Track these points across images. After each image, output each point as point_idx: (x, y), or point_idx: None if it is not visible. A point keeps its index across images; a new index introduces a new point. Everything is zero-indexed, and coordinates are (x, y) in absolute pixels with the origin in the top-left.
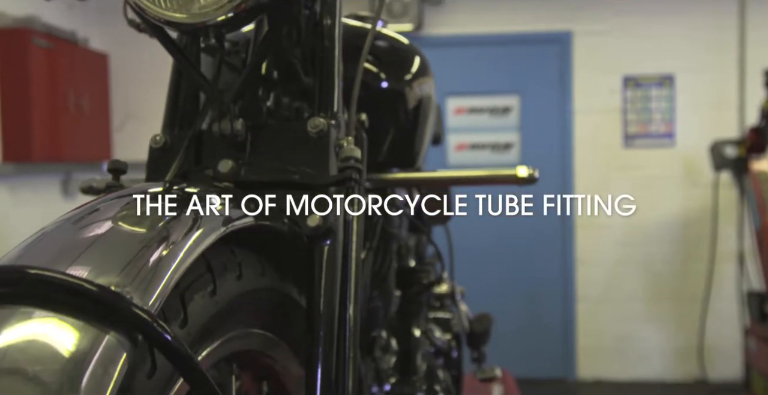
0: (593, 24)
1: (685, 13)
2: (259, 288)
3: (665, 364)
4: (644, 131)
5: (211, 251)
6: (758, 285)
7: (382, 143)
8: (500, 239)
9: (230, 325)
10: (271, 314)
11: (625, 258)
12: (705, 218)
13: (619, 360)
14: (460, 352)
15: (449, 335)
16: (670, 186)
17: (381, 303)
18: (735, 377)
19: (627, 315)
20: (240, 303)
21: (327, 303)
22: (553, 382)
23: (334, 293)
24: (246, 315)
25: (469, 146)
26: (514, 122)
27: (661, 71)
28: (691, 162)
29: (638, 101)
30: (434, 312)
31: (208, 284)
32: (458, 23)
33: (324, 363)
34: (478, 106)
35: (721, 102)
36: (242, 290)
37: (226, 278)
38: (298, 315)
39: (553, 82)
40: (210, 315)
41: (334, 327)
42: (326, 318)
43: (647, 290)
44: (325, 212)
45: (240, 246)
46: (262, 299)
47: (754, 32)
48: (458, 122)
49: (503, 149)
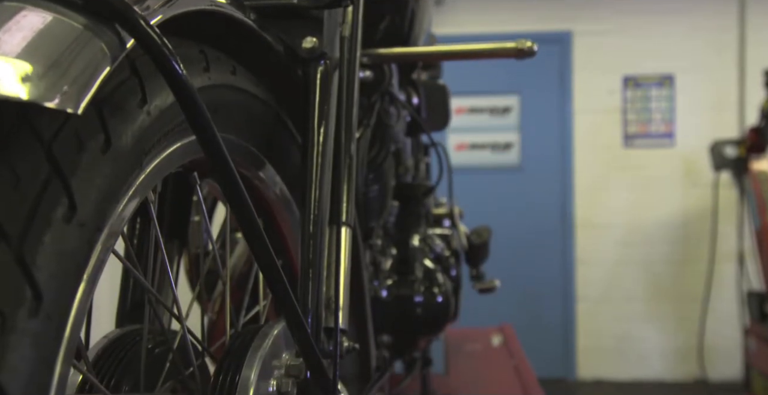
0: (593, 24)
1: (685, 13)
2: (228, 86)
3: (665, 364)
4: (644, 131)
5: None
6: (758, 285)
7: (379, 22)
8: (500, 239)
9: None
10: (248, 123)
11: (625, 258)
12: (705, 219)
13: (619, 360)
14: (459, 270)
15: (448, 252)
16: (670, 186)
17: (377, 194)
18: (735, 377)
19: (627, 314)
20: (209, 98)
21: (322, 128)
22: (553, 382)
23: (330, 118)
24: (217, 116)
25: (469, 145)
26: (514, 121)
27: (661, 71)
28: (691, 162)
29: (638, 100)
30: (433, 230)
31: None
32: (458, 23)
33: (316, 195)
34: (478, 106)
35: (721, 102)
36: (210, 82)
37: (195, 66)
38: (285, 137)
39: (553, 82)
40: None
41: (328, 155)
42: (321, 147)
43: (647, 291)
44: (320, 34)
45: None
46: (236, 102)
47: (754, 32)
48: (458, 122)
49: (503, 149)
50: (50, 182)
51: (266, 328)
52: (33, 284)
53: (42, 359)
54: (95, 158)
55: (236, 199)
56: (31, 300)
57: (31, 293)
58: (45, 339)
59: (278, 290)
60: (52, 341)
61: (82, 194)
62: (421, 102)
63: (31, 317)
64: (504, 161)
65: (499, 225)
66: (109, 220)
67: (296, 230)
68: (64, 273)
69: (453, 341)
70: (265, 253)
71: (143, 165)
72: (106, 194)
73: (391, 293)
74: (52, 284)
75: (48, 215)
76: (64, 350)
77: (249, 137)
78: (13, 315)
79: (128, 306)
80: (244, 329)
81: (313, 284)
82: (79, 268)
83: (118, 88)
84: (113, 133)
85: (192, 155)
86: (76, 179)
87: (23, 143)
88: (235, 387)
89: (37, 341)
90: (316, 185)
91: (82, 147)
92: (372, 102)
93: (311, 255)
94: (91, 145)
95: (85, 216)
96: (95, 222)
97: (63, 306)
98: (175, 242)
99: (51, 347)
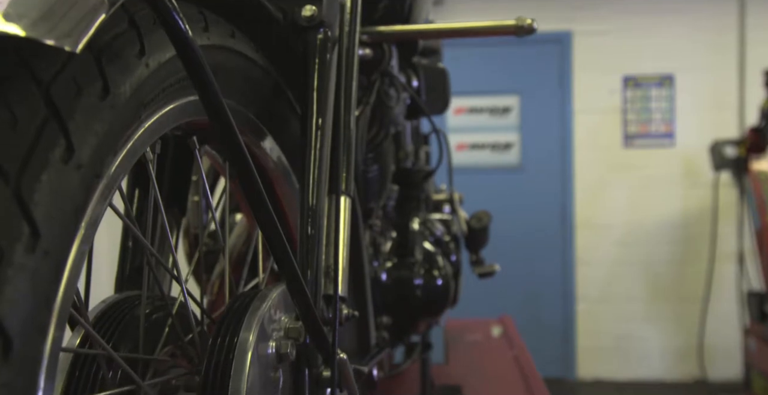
0: (593, 24)
1: (685, 14)
2: (228, 48)
3: (665, 364)
4: (644, 131)
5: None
6: (758, 285)
7: (379, 0)
8: (500, 239)
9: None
10: (247, 89)
11: (625, 258)
12: (705, 219)
13: (619, 360)
14: (459, 255)
15: (448, 237)
16: (670, 186)
17: (377, 174)
18: (735, 377)
19: (627, 315)
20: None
21: (321, 99)
22: (552, 382)
23: (329, 89)
24: (216, 78)
25: (469, 145)
26: (514, 122)
27: (661, 71)
28: (691, 162)
29: (638, 101)
30: (433, 215)
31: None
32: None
33: (315, 164)
34: (478, 106)
35: (721, 102)
36: (209, 42)
37: (194, 25)
38: (284, 107)
39: (553, 82)
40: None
41: (327, 126)
42: (320, 117)
43: (647, 290)
44: (319, 3)
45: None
46: (236, 66)
47: (754, 32)
48: (458, 122)
49: (503, 149)
50: (48, 123)
51: (265, 291)
52: (30, 220)
53: (40, 297)
54: (93, 104)
55: (238, 158)
56: (29, 235)
57: (28, 229)
58: (43, 277)
59: (279, 252)
60: (50, 280)
61: (79, 138)
62: (420, 85)
63: (28, 252)
64: (504, 161)
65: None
66: (107, 169)
67: (294, 201)
68: (62, 213)
69: (453, 331)
70: (266, 214)
71: (142, 118)
72: (104, 140)
73: (390, 276)
74: (49, 222)
75: (45, 156)
76: (62, 292)
77: (248, 104)
78: (10, 248)
79: (127, 273)
80: (243, 292)
81: (312, 253)
82: (78, 212)
83: (116, 39)
84: (111, 81)
85: (191, 115)
86: (73, 122)
87: (21, 87)
88: (233, 348)
89: (35, 278)
90: (316, 155)
91: (80, 92)
92: (372, 81)
93: (310, 224)
94: (89, 91)
95: (82, 159)
96: (93, 168)
97: (61, 246)
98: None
99: (49, 286)
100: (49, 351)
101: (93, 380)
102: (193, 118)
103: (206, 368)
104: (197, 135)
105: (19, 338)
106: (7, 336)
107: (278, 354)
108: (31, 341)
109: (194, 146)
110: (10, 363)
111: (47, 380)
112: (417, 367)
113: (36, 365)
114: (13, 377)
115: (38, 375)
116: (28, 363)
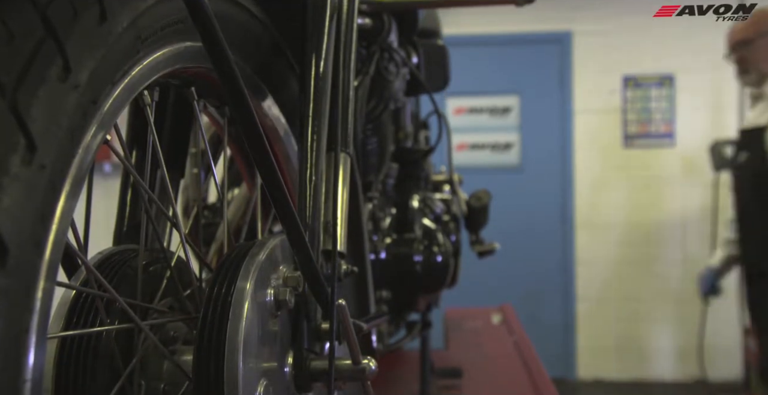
0: (593, 24)
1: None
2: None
3: (665, 364)
4: (644, 131)
5: None
6: None
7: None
8: (500, 239)
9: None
10: (246, 43)
11: (625, 258)
12: (705, 218)
13: (619, 360)
14: (458, 235)
15: (448, 216)
16: (670, 186)
17: (376, 147)
18: (735, 377)
19: (627, 315)
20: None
21: (320, 57)
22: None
23: (329, 47)
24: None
25: (469, 146)
26: (514, 122)
27: (661, 71)
28: (691, 162)
29: (638, 100)
30: (432, 195)
31: None
32: (458, 23)
33: (314, 122)
34: (478, 106)
35: (721, 102)
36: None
37: None
38: (283, 65)
39: (553, 82)
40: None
41: (326, 84)
42: (319, 75)
43: (647, 290)
44: None
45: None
46: (236, 18)
47: None
48: (458, 122)
49: (503, 149)
50: (44, 42)
51: (263, 240)
52: (26, 133)
53: (36, 211)
54: (91, 28)
55: (241, 109)
56: (25, 148)
57: (24, 142)
58: (39, 190)
59: (279, 203)
60: (46, 195)
61: (76, 59)
62: (420, 62)
63: (24, 164)
64: (504, 161)
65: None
66: (105, 99)
67: (292, 160)
68: (59, 130)
69: (453, 319)
70: (268, 164)
71: (140, 54)
72: (102, 66)
73: (390, 251)
74: (46, 137)
75: (42, 72)
76: (60, 210)
77: (247, 58)
78: (5, 158)
79: (126, 226)
80: (241, 243)
81: (310, 209)
82: (75, 132)
83: None
84: (108, 7)
85: (189, 61)
86: (70, 43)
87: (18, 5)
88: (230, 295)
89: (31, 190)
90: (315, 113)
91: (77, 15)
92: (371, 52)
93: (309, 181)
94: (86, 15)
95: (79, 80)
96: (90, 92)
97: (58, 163)
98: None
99: (45, 200)
100: (47, 266)
101: (92, 322)
102: (190, 65)
103: (203, 314)
104: (195, 87)
105: (15, 247)
106: (2, 241)
107: (277, 301)
108: (27, 252)
109: (193, 98)
110: (7, 269)
111: (45, 289)
112: (417, 351)
113: (34, 275)
114: (11, 283)
115: (36, 284)
116: (26, 271)
